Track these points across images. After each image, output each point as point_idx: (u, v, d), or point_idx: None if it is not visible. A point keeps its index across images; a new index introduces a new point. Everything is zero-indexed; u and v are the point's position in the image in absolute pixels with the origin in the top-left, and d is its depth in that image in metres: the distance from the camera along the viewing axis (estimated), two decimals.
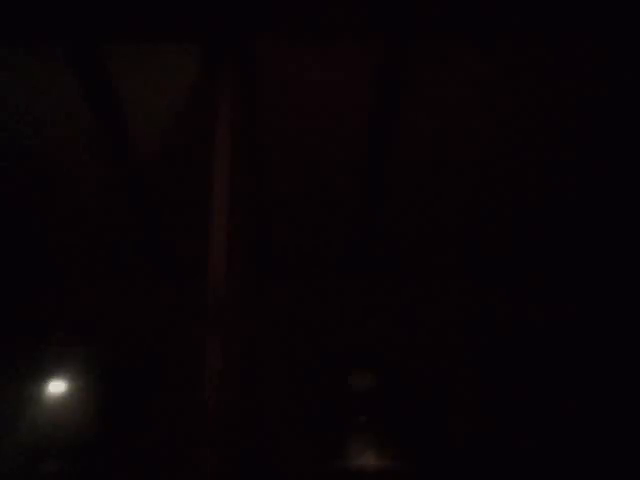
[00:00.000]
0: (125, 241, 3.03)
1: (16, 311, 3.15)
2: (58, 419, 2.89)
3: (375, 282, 3.23)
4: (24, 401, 2.93)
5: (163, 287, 3.20)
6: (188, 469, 2.71)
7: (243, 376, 2.25)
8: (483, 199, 2.76)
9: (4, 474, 2.81)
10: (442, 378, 3.05)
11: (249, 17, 2.00)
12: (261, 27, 2.03)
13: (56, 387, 2.97)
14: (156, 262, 3.18)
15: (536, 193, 2.73)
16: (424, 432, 2.96)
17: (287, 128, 2.41)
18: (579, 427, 2.95)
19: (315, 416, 2.97)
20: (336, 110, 2.32)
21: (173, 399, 2.95)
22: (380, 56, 2.10)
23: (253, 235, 2.90)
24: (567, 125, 2.39)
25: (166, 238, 3.03)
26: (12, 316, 3.13)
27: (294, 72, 2.17)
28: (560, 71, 2.17)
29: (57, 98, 2.24)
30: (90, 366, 3.01)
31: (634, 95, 2.26)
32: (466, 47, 2.10)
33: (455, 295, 3.20)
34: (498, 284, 3.20)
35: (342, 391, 2.98)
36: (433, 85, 2.23)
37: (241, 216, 2.02)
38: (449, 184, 2.68)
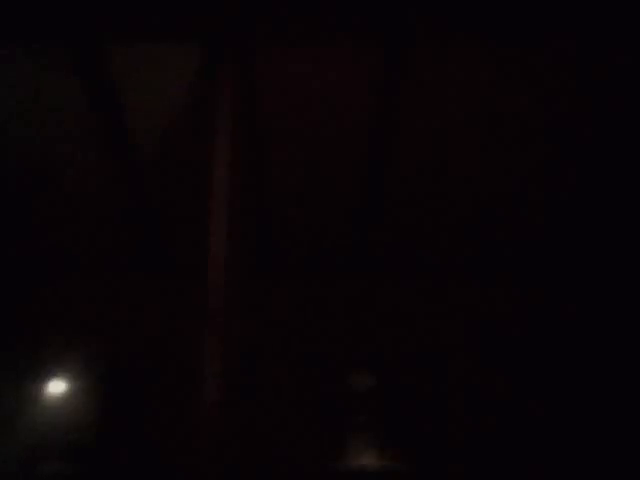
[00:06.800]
0: (125, 241, 3.03)
1: (16, 311, 3.15)
2: (58, 419, 2.89)
3: (375, 282, 3.23)
4: (24, 401, 2.93)
5: (163, 287, 3.20)
6: (188, 469, 2.71)
7: (243, 376, 2.25)
8: (483, 199, 2.76)
9: (4, 474, 2.81)
10: (442, 377, 3.05)
11: (249, 17, 2.00)
12: (261, 27, 2.03)
13: (56, 387, 2.96)
14: (156, 262, 3.18)
15: (537, 193, 2.73)
16: (424, 432, 2.96)
17: (287, 128, 2.41)
18: (580, 427, 2.96)
19: (315, 416, 2.97)
20: (336, 110, 2.32)
21: (173, 399, 2.95)
22: (380, 56, 2.10)
23: (253, 235, 2.91)
24: (568, 125, 2.39)
25: (166, 238, 3.04)
26: (12, 316, 3.13)
27: (294, 72, 2.17)
28: (561, 71, 2.17)
29: (57, 98, 2.24)
30: (90, 366, 3.01)
31: (636, 95, 2.26)
32: (466, 47, 2.10)
33: (455, 295, 3.20)
34: (498, 284, 3.20)
35: (342, 391, 2.98)
36: (433, 85, 2.23)
37: (241, 216, 2.02)
38: (449, 184, 2.68)
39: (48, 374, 2.97)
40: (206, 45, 2.06)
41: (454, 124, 2.38)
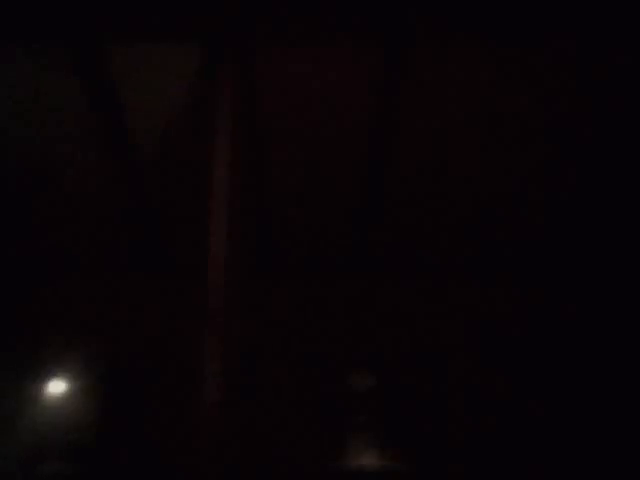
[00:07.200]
0: (125, 241, 3.03)
1: (16, 311, 3.15)
2: (58, 419, 2.89)
3: (375, 282, 3.23)
4: (24, 401, 2.93)
5: (163, 287, 3.20)
6: (188, 469, 2.71)
7: (243, 376, 2.25)
8: (483, 199, 2.76)
9: (4, 474, 2.81)
10: (442, 377, 3.05)
11: (249, 17, 2.00)
12: (261, 27, 2.03)
13: (56, 387, 2.96)
14: (156, 262, 3.18)
15: (537, 193, 2.73)
16: (424, 432, 2.96)
17: (287, 128, 2.41)
18: (580, 427, 2.95)
19: (315, 416, 2.97)
20: (336, 110, 2.32)
21: (173, 399, 2.95)
22: (380, 56, 2.10)
23: (253, 235, 2.91)
24: (568, 125, 2.39)
25: (166, 238, 3.04)
26: (12, 316, 3.13)
27: (294, 72, 2.17)
28: (561, 71, 2.17)
29: (57, 98, 2.24)
30: (90, 366, 3.01)
31: (636, 95, 2.26)
32: (466, 47, 2.10)
33: (455, 295, 3.20)
34: (498, 284, 3.20)
35: (342, 391, 2.98)
36: (433, 85, 2.23)
37: (241, 216, 2.02)
38: (449, 184, 2.68)
39: (48, 374, 2.97)
40: (206, 45, 2.06)
41: (454, 124, 2.38)
